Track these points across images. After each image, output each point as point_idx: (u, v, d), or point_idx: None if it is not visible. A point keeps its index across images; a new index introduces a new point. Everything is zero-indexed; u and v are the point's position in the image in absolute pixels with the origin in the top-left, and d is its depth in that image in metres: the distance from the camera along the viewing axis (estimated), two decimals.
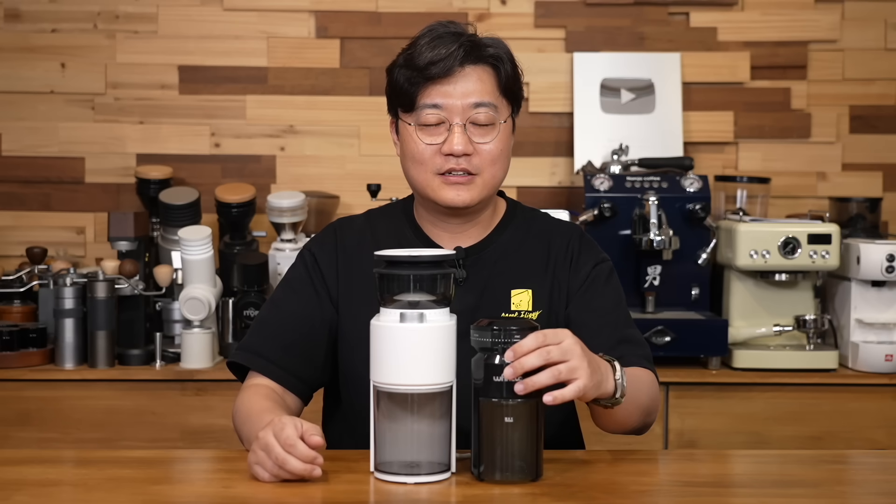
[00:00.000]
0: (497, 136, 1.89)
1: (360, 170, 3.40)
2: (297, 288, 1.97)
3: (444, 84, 1.87)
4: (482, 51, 1.89)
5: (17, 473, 1.69)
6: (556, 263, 1.96)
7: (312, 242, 2.03)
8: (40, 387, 2.84)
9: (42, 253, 3.09)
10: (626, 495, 1.63)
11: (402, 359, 1.61)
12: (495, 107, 1.89)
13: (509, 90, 1.92)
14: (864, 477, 1.80)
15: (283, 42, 3.42)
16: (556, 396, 1.58)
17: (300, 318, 1.95)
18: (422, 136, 1.89)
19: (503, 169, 1.93)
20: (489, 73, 1.89)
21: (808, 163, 3.45)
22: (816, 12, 3.43)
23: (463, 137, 1.87)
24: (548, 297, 1.95)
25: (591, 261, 1.98)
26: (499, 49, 1.91)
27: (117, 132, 3.41)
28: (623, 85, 3.38)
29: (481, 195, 1.91)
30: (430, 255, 1.65)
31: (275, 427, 1.62)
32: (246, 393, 1.91)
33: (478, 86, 1.88)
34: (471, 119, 1.88)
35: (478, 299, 1.92)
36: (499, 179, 1.93)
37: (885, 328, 2.92)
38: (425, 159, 1.89)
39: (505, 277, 1.95)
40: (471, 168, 1.88)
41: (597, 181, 3.01)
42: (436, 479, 1.62)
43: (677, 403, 2.84)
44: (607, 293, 1.97)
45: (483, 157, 1.89)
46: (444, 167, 1.88)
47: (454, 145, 1.86)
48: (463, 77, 1.87)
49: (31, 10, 3.39)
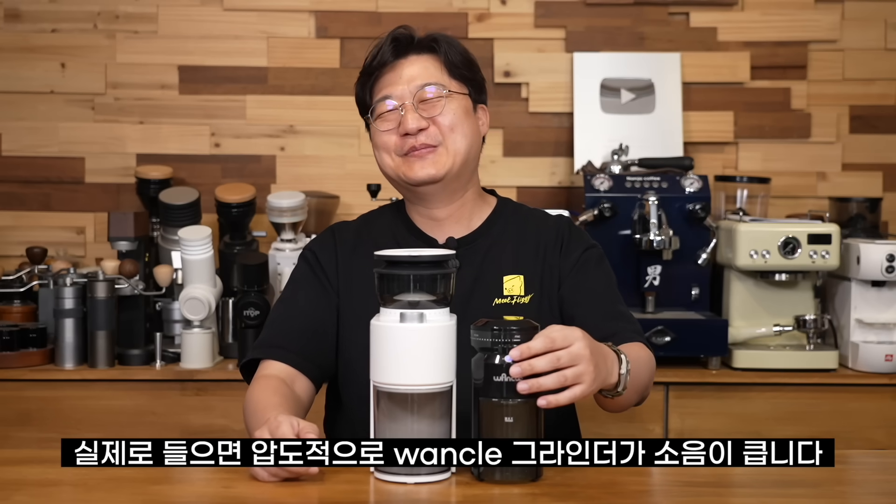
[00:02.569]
0: (449, 106, 1.98)
1: (360, 170, 3.40)
2: (303, 283, 2.04)
3: (389, 75, 1.99)
4: (420, 41, 2.01)
5: (17, 473, 1.69)
6: (547, 249, 2.02)
7: (312, 243, 2.10)
8: (40, 387, 2.84)
9: (42, 253, 3.09)
10: (626, 495, 1.63)
11: (402, 359, 1.62)
12: (442, 86, 1.99)
13: (457, 72, 2.01)
14: (864, 477, 1.80)
15: (283, 42, 3.42)
16: (549, 401, 1.59)
17: (310, 308, 2.01)
18: (380, 126, 2.00)
19: (466, 137, 1.99)
20: (431, 58, 2.01)
21: (808, 163, 3.45)
22: (816, 12, 3.43)
23: (414, 115, 1.97)
24: (539, 281, 2.00)
25: (582, 245, 2.04)
26: (436, 35, 2.02)
27: (117, 132, 3.41)
28: (623, 85, 3.38)
29: (448, 165, 1.98)
30: (430, 255, 1.65)
31: (271, 426, 1.64)
32: (256, 385, 1.92)
33: (421, 71, 1.99)
34: (418, 97, 1.98)
35: (471, 287, 1.97)
36: (462, 147, 1.99)
37: (885, 328, 2.92)
38: (388, 145, 2.00)
39: (497, 265, 2.01)
40: (430, 140, 1.98)
41: (597, 181, 3.01)
42: (436, 479, 1.62)
43: (677, 403, 2.84)
44: (599, 275, 2.03)
45: (441, 127, 1.98)
46: (404, 147, 1.98)
47: (408, 123, 1.96)
48: (406, 66, 2.00)
49: (31, 10, 3.39)
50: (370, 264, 1.68)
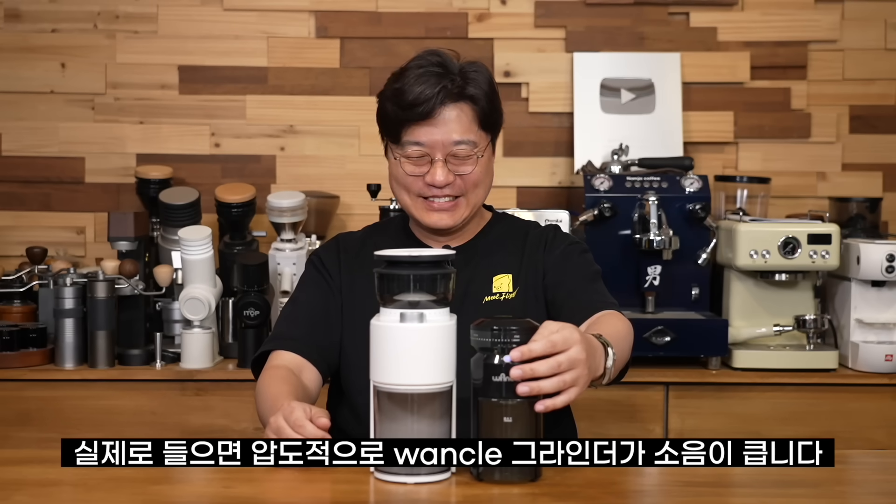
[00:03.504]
0: (477, 165, 2.03)
1: (360, 170, 3.40)
2: (311, 283, 2.12)
3: (427, 125, 2.00)
4: (464, 90, 2.01)
5: (17, 473, 1.69)
6: (532, 247, 2.11)
7: (318, 249, 2.19)
8: (40, 387, 2.84)
9: (42, 253, 3.09)
10: (626, 495, 1.63)
11: (402, 359, 1.62)
12: (474, 143, 2.02)
13: (487, 123, 2.05)
14: (864, 477, 1.80)
15: (283, 42, 3.42)
16: (547, 406, 1.60)
17: (318, 301, 2.08)
18: (406, 167, 2.03)
19: (486, 188, 2.08)
20: (468, 109, 2.02)
21: (808, 163, 3.45)
22: (816, 12, 3.43)
23: (444, 170, 2.01)
24: (524, 277, 2.07)
25: (565, 241, 2.13)
26: (478, 86, 2.03)
27: (117, 132, 3.41)
28: (623, 85, 3.38)
29: (464, 215, 2.06)
30: (430, 255, 1.66)
31: (284, 411, 1.71)
32: (266, 374, 1.98)
33: (457, 125, 2.01)
34: (451, 153, 2.00)
35: (465, 289, 2.01)
36: (481, 199, 2.09)
37: (885, 328, 2.92)
38: (409, 185, 2.04)
39: (488, 269, 2.08)
40: (454, 192, 2.03)
41: (597, 181, 3.01)
42: (436, 479, 1.62)
43: (677, 403, 2.84)
44: (582, 261, 2.10)
45: (466, 182, 2.03)
46: (427, 193, 2.03)
47: (436, 178, 2.01)
48: (443, 118, 2.00)
49: (31, 10, 3.39)
50: (371, 276, 1.69)
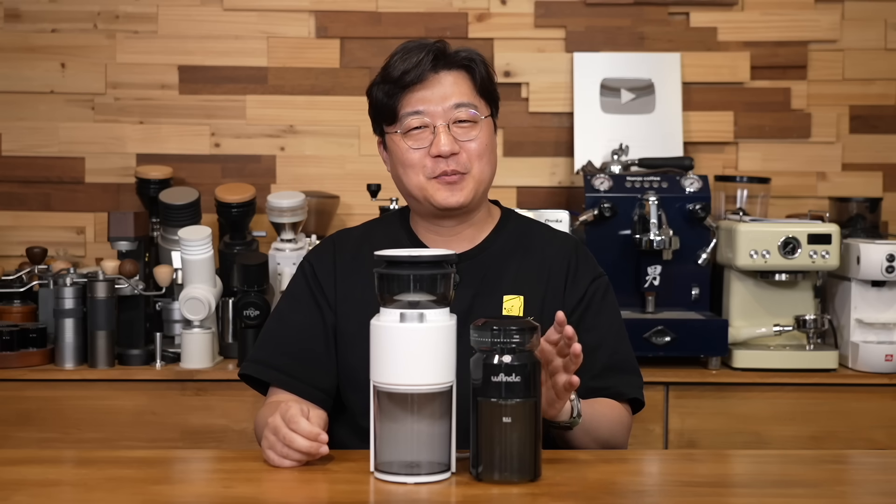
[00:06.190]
0: (480, 133, 1.97)
1: (360, 170, 3.40)
2: (300, 299, 2.04)
3: (422, 90, 1.96)
4: (454, 56, 1.98)
5: (17, 473, 1.69)
6: (552, 273, 2.01)
7: (311, 254, 2.10)
8: (40, 387, 2.84)
9: (42, 253, 3.09)
10: (626, 495, 1.63)
11: (402, 359, 1.62)
12: (475, 106, 1.97)
13: (485, 90, 2.00)
14: (864, 477, 1.80)
15: (283, 42, 3.42)
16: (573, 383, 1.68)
17: (306, 328, 2.01)
18: (409, 143, 1.97)
19: (490, 164, 2.00)
20: (464, 76, 1.98)
21: (808, 163, 3.45)
22: (816, 12, 3.43)
23: (448, 137, 1.94)
24: (540, 305, 1.98)
25: (589, 275, 2.03)
26: (471, 53, 2.00)
27: (117, 132, 3.41)
28: (623, 85, 3.38)
29: (473, 192, 1.97)
30: (430, 255, 1.66)
31: (281, 410, 1.70)
32: (268, 409, 1.92)
33: (454, 88, 1.96)
34: (453, 119, 1.95)
35: (470, 304, 1.95)
36: (487, 175, 2.00)
37: (885, 328, 2.92)
38: (416, 163, 1.97)
39: (497, 283, 2.00)
40: (459, 167, 1.96)
41: (597, 181, 3.01)
42: (436, 479, 1.63)
43: (677, 403, 2.84)
44: (604, 311, 2.02)
45: (470, 154, 1.96)
46: (435, 170, 1.96)
47: (441, 146, 1.94)
48: (438, 82, 1.96)
49: (31, 10, 3.39)
50: (370, 275, 1.68)
